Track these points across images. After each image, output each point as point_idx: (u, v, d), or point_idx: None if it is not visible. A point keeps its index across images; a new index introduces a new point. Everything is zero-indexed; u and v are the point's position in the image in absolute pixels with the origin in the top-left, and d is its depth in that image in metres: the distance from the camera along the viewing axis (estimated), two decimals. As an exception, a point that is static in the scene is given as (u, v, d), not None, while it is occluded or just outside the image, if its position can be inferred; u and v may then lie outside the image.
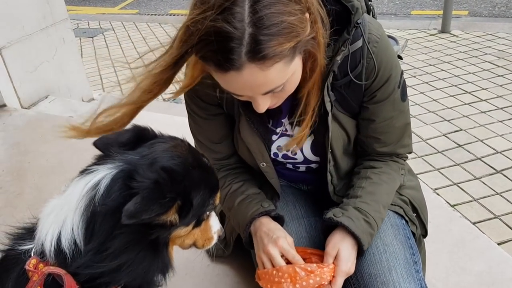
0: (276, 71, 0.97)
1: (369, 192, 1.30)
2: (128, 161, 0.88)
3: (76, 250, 0.85)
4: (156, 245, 0.92)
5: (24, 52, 3.36)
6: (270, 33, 0.90)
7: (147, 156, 0.90)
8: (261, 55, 0.92)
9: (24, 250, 0.91)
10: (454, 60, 4.38)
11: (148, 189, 0.82)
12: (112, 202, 0.84)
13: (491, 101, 3.56)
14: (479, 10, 6.07)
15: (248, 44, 0.90)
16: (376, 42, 1.20)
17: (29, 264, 0.88)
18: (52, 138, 2.83)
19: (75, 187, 0.88)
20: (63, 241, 0.85)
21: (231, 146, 1.44)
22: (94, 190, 0.85)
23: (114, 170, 0.86)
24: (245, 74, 0.94)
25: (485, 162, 2.85)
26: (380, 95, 1.26)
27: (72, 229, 0.85)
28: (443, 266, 1.82)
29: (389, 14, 6.34)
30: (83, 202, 0.85)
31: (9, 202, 2.27)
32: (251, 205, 1.36)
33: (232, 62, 0.92)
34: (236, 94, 1.06)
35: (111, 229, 0.84)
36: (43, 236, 0.88)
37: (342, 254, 1.21)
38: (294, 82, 1.08)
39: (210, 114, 1.37)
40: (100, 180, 0.85)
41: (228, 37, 0.89)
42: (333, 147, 1.31)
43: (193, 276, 1.73)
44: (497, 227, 2.34)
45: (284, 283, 1.18)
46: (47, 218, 0.89)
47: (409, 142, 1.39)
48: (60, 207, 0.88)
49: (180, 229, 0.94)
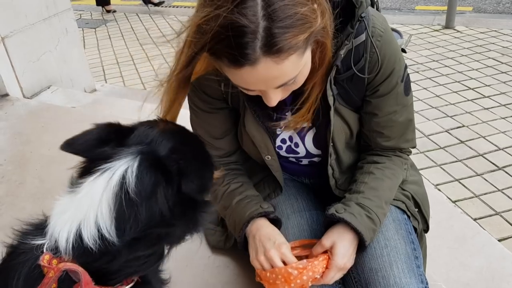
0: (291, 64, 0.96)
1: (371, 188, 1.30)
2: (140, 151, 0.88)
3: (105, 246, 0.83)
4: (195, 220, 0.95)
5: (27, 41, 3.35)
6: (285, 26, 0.89)
7: (151, 142, 0.91)
8: (276, 48, 0.90)
9: (36, 245, 0.88)
10: (457, 56, 4.37)
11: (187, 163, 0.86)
12: (148, 188, 0.84)
13: (494, 98, 3.56)
14: (484, 6, 6.05)
15: (263, 38, 0.89)
16: (380, 36, 1.19)
17: (43, 260, 0.86)
18: (54, 128, 2.83)
19: (94, 186, 0.85)
20: (85, 237, 0.83)
21: (232, 142, 1.43)
22: (122, 183, 0.83)
23: (134, 161, 0.85)
24: (260, 69, 0.93)
25: (487, 158, 2.85)
26: (383, 89, 1.25)
27: (98, 225, 0.83)
28: (444, 262, 1.83)
29: (393, 9, 6.32)
30: (112, 198, 0.83)
31: (11, 191, 2.27)
32: (249, 205, 1.35)
33: (247, 57, 0.90)
34: (247, 89, 1.05)
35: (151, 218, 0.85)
36: (57, 232, 0.85)
37: (338, 249, 1.21)
38: (305, 74, 1.07)
39: (213, 108, 1.36)
40: (124, 173, 0.84)
41: (242, 31, 0.88)
42: (334, 141, 1.30)
43: (193, 267, 1.73)
44: (498, 223, 2.34)
45: (280, 285, 1.19)
46: (62, 215, 0.87)
47: (412, 136, 1.38)
48: (78, 205, 0.86)
49: None
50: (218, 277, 1.69)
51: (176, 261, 1.77)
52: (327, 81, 1.19)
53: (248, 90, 1.06)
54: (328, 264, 1.21)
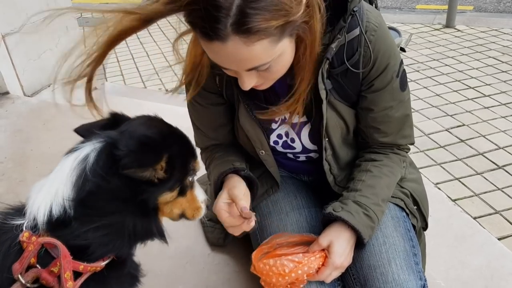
0: (261, 48, 0.96)
1: (369, 186, 1.30)
2: (110, 136, 0.97)
3: (66, 218, 0.90)
4: (146, 210, 0.99)
5: (28, 40, 3.35)
6: (257, 7, 0.89)
7: (125, 130, 0.98)
8: (245, 28, 0.91)
9: (16, 225, 0.93)
10: (458, 55, 4.36)
11: (136, 148, 0.92)
12: (101, 170, 0.92)
13: (495, 97, 3.55)
14: (484, 6, 6.04)
15: (234, 15, 0.89)
16: (374, 31, 1.19)
17: (23, 237, 0.90)
18: (54, 126, 2.84)
19: (64, 163, 0.94)
20: (54, 211, 0.90)
21: (228, 135, 1.45)
22: (84, 162, 0.92)
23: (99, 144, 0.95)
24: (229, 46, 0.94)
25: (487, 157, 2.85)
26: (378, 84, 1.25)
27: (63, 198, 0.90)
28: (443, 260, 1.83)
29: (394, 8, 6.31)
30: (74, 173, 0.92)
31: (11, 189, 2.28)
32: (223, 165, 1.37)
33: (217, 32, 0.91)
34: (223, 68, 1.06)
35: (101, 194, 0.92)
36: (35, 210, 0.92)
37: (335, 248, 1.21)
38: (282, 65, 1.07)
39: (210, 103, 1.38)
40: (88, 154, 0.93)
41: (216, 5, 0.89)
42: (330, 136, 1.30)
43: (193, 264, 1.74)
44: (497, 222, 2.34)
45: (273, 276, 1.20)
46: (38, 194, 0.93)
47: (410, 132, 1.38)
48: (51, 182, 0.93)
49: (166, 194, 1.01)
50: (218, 274, 1.70)
51: (176, 258, 1.78)
52: (317, 74, 1.19)
53: (222, 68, 1.06)
54: (325, 262, 1.22)
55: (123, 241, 0.97)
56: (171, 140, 1.01)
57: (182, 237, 1.82)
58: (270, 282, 1.22)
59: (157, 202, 1.00)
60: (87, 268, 0.93)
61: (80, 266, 0.91)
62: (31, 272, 0.88)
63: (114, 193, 0.93)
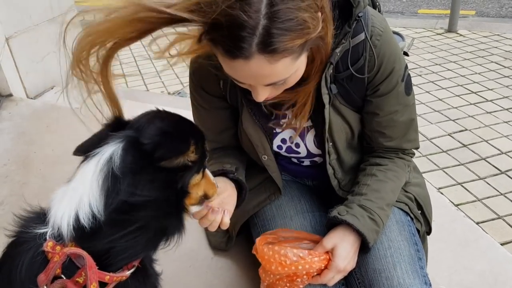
0: (283, 66, 0.97)
1: (374, 190, 1.30)
2: (127, 134, 0.95)
3: (95, 224, 0.88)
4: (178, 200, 0.99)
5: (31, 42, 3.36)
6: (284, 28, 0.90)
7: (140, 126, 0.97)
8: (272, 49, 0.92)
9: (39, 234, 0.91)
10: (460, 60, 4.37)
11: (163, 138, 0.92)
12: (131, 166, 0.90)
13: (497, 102, 3.55)
14: (487, 10, 6.05)
15: (260, 35, 0.90)
16: (379, 35, 1.20)
17: (47, 246, 0.88)
18: (58, 128, 2.84)
19: (85, 169, 0.92)
20: (80, 218, 0.88)
21: (232, 138, 1.46)
22: (109, 163, 0.90)
23: (121, 143, 0.92)
24: (252, 64, 0.95)
25: (489, 162, 2.85)
26: (383, 88, 1.26)
27: (90, 204, 0.88)
28: (446, 265, 1.82)
29: (396, 12, 6.32)
30: (100, 176, 0.89)
31: (15, 191, 2.27)
32: (214, 166, 1.36)
33: (242, 51, 0.92)
34: (237, 81, 1.07)
35: (135, 189, 0.90)
36: (59, 219, 0.89)
37: (339, 251, 1.21)
38: (296, 78, 1.09)
39: (214, 107, 1.38)
40: (111, 154, 0.91)
41: (242, 25, 0.89)
42: (335, 140, 1.31)
43: (196, 268, 1.74)
44: (500, 227, 2.34)
45: (273, 263, 1.20)
46: (61, 202, 0.91)
47: (415, 136, 1.38)
48: (73, 189, 0.91)
49: (196, 176, 1.02)
50: (221, 278, 1.70)
51: (179, 262, 1.77)
52: (321, 78, 1.19)
53: (238, 81, 1.07)
54: (328, 264, 1.22)
55: (150, 240, 0.97)
56: (186, 126, 1.04)
57: (186, 241, 1.81)
58: (269, 269, 1.22)
59: (188, 187, 1.00)
60: (113, 278, 0.92)
61: (106, 276, 0.90)
62: (56, 284, 0.87)
63: (148, 186, 0.91)
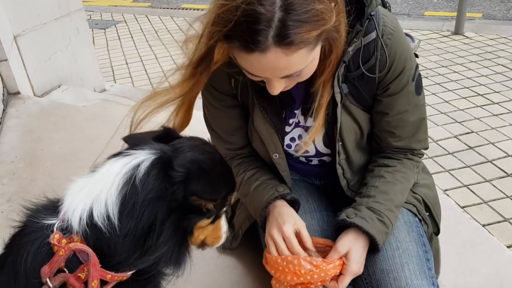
0: (299, 57, 0.98)
1: (382, 192, 1.30)
2: (164, 150, 0.93)
3: (110, 225, 0.88)
4: (183, 234, 0.97)
5: (39, 40, 3.38)
6: (300, 20, 0.91)
7: (179, 149, 0.95)
8: (288, 41, 0.93)
9: (47, 225, 0.92)
10: (466, 62, 4.36)
11: (197, 174, 0.91)
12: (151, 185, 0.88)
13: (504, 104, 3.55)
14: (493, 13, 6.03)
15: (276, 27, 0.91)
16: (391, 34, 1.20)
17: (53, 239, 0.89)
18: (65, 126, 2.86)
19: (112, 166, 0.91)
20: (95, 215, 0.88)
21: (244, 138, 1.45)
22: (134, 170, 0.89)
23: (153, 156, 0.91)
24: (269, 57, 0.95)
25: (495, 165, 2.84)
26: (394, 87, 1.26)
27: (106, 203, 0.88)
28: (452, 267, 1.82)
29: (402, 14, 6.31)
30: (122, 180, 0.88)
31: (22, 188, 2.29)
32: (266, 190, 1.37)
33: (258, 44, 0.93)
34: (252, 75, 1.07)
35: (153, 214, 0.89)
36: (71, 212, 0.90)
37: (353, 255, 1.21)
38: (311, 69, 1.10)
39: (225, 105, 1.38)
40: (140, 163, 0.90)
41: (258, 18, 0.90)
42: (344, 140, 1.31)
43: (203, 266, 1.74)
44: (506, 230, 2.33)
45: (288, 273, 1.19)
46: (77, 194, 0.91)
47: (424, 137, 1.38)
48: (94, 183, 0.91)
49: (203, 220, 0.99)
50: (227, 276, 1.70)
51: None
52: (333, 77, 1.20)
53: (253, 75, 1.08)
54: (343, 269, 1.21)
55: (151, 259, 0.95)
56: (220, 170, 1.00)
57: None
58: (284, 279, 1.21)
59: (193, 228, 0.99)
60: (114, 277, 0.93)
61: (108, 275, 0.91)
62: (58, 277, 0.88)
63: (157, 211, 0.90)
